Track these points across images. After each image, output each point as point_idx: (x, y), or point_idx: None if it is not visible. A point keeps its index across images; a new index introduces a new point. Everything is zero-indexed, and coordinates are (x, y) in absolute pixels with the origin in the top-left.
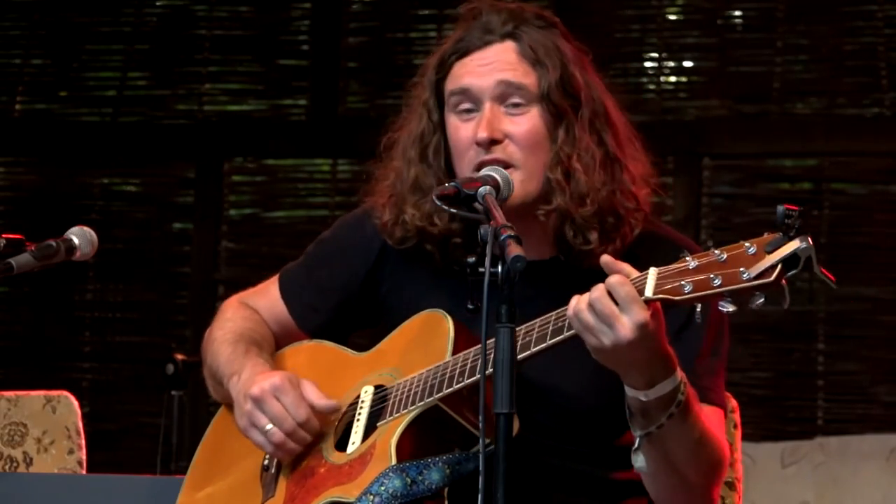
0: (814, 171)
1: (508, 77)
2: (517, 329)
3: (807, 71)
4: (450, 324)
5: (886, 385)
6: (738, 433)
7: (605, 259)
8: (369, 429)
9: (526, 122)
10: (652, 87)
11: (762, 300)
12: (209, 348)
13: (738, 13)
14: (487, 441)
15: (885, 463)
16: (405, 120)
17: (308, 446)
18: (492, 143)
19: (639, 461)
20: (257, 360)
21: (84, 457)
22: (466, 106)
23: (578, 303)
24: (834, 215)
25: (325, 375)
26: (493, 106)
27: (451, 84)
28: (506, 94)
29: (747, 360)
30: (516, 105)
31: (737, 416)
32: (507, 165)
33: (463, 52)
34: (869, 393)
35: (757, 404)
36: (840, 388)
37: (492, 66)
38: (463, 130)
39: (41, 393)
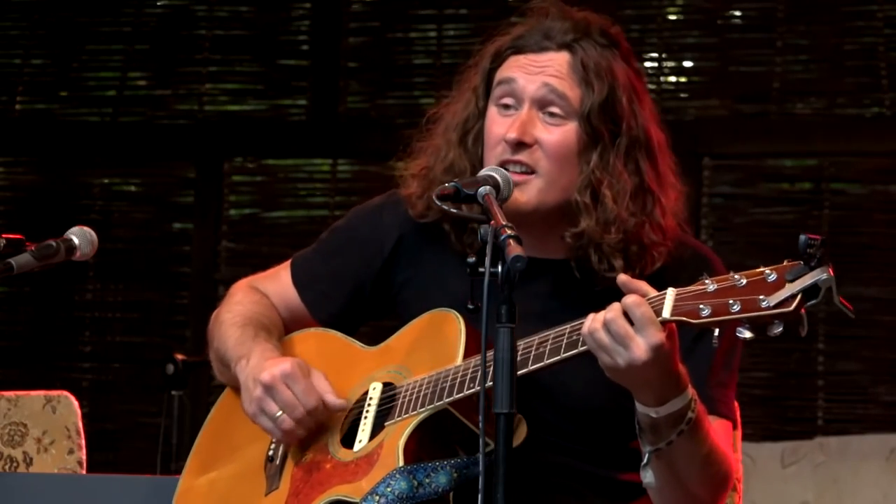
0: (814, 171)
1: (554, 83)
2: (531, 339)
3: (807, 71)
4: (461, 325)
5: (886, 385)
6: (739, 433)
7: (623, 278)
8: (377, 427)
9: (559, 134)
10: (652, 87)
11: (780, 329)
12: (216, 331)
13: (738, 13)
14: (489, 444)
15: (885, 463)
16: (453, 99)
17: (314, 440)
18: (520, 144)
19: (647, 477)
20: (266, 344)
21: (84, 457)
22: (508, 101)
23: (593, 322)
24: (834, 215)
25: (333, 367)
26: (532, 110)
27: (500, 74)
28: (547, 101)
29: (747, 360)
30: (554, 115)
31: (737, 416)
32: (530, 171)
33: (518, 50)
34: (869, 393)
35: (757, 404)
36: (840, 388)
37: (542, 69)
38: (497, 125)
39: (41, 393)
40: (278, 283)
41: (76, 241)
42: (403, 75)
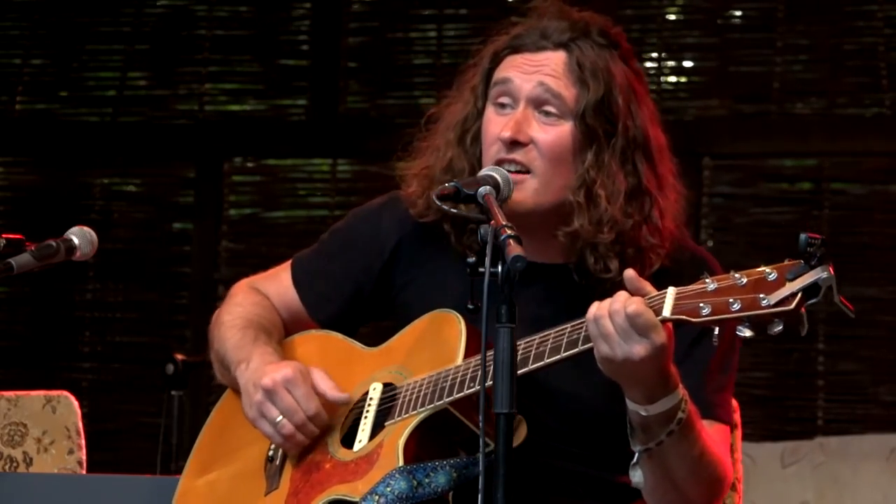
0: (814, 171)
1: (549, 82)
2: (531, 338)
3: (807, 71)
4: (462, 326)
5: (886, 385)
6: (739, 433)
7: (630, 274)
8: (377, 427)
9: (554, 133)
10: (652, 87)
11: (780, 327)
12: (216, 332)
13: (738, 13)
14: (489, 444)
15: (885, 463)
16: (453, 99)
17: (314, 440)
18: (515, 143)
19: (636, 476)
20: (266, 348)
21: (84, 457)
22: (504, 101)
23: (599, 309)
24: (834, 215)
25: (334, 368)
26: (527, 109)
27: (497, 74)
28: (542, 100)
29: (747, 360)
30: (550, 114)
31: (737, 416)
32: (525, 170)
33: (516, 49)
34: (869, 393)
35: (757, 404)
36: (840, 388)
37: (538, 68)
38: (494, 124)
39: (41, 393)
40: (278, 283)
41: (76, 241)
42: (403, 75)
